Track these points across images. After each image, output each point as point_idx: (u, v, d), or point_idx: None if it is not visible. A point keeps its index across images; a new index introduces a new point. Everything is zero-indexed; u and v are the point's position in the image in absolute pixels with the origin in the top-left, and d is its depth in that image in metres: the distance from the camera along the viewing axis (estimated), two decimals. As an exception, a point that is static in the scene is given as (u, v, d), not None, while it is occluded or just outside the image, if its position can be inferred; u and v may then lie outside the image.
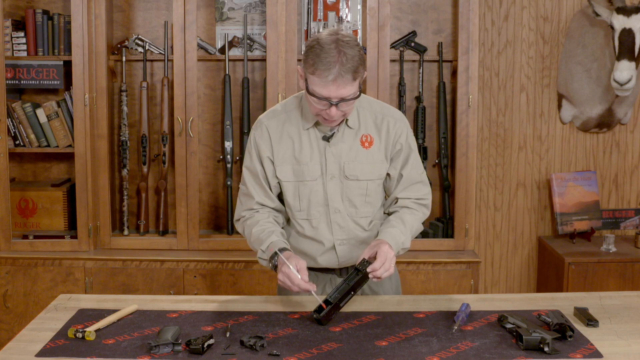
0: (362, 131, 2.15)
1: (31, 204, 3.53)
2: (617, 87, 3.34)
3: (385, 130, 2.17)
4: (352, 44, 1.96)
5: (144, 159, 3.56)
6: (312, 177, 2.14)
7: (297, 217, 2.20)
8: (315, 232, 2.19)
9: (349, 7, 3.56)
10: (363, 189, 2.16)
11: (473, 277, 3.34)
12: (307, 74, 1.98)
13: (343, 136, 2.14)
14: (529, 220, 3.87)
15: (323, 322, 1.97)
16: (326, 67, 1.92)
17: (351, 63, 1.93)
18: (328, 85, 1.94)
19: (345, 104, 2.00)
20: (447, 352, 1.81)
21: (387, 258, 2.01)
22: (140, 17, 3.61)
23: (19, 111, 3.44)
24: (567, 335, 1.87)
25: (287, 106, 2.19)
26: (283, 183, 2.17)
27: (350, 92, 1.97)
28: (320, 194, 2.15)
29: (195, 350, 1.79)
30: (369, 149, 2.16)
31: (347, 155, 2.14)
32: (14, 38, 3.40)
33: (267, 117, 2.19)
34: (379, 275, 2.00)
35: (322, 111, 2.02)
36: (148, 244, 3.48)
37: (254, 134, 2.19)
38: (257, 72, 3.60)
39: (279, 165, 2.16)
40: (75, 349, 1.82)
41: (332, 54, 1.92)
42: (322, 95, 1.96)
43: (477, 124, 3.44)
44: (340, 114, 2.03)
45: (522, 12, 3.72)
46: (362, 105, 2.17)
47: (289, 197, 2.18)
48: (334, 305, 1.98)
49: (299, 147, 2.14)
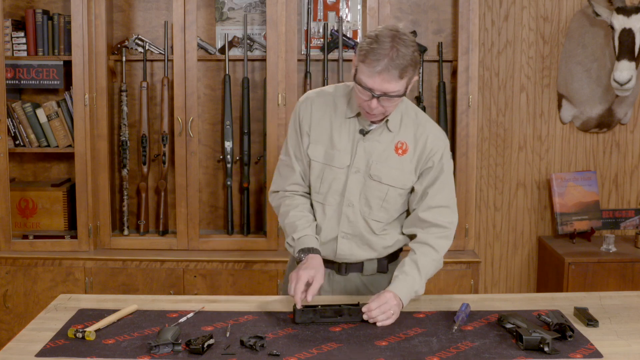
0: (399, 137, 2.14)
1: (31, 204, 3.53)
2: (617, 87, 3.33)
3: (422, 144, 2.15)
4: (408, 44, 1.96)
5: (144, 159, 3.56)
6: (340, 165, 2.14)
7: (313, 198, 2.20)
8: (324, 218, 2.18)
9: (349, 7, 3.56)
10: (383, 192, 2.15)
11: (473, 277, 3.34)
12: (358, 62, 1.99)
13: (380, 136, 2.14)
14: (529, 220, 3.87)
15: (297, 318, 1.97)
16: (376, 58, 1.93)
17: (401, 60, 1.93)
18: (374, 76, 1.95)
19: (387, 99, 1.99)
20: (447, 352, 1.81)
21: (385, 302, 1.99)
22: (140, 17, 3.61)
23: (19, 111, 3.44)
24: (567, 335, 1.87)
25: (337, 90, 2.19)
26: (312, 162, 2.17)
27: (394, 88, 1.97)
28: (341, 184, 2.15)
29: (195, 350, 1.79)
30: (401, 157, 2.14)
31: (378, 155, 2.13)
32: (14, 38, 3.40)
33: (316, 95, 2.20)
34: (373, 316, 1.98)
35: (364, 102, 2.02)
36: (148, 244, 3.48)
37: (299, 107, 2.20)
38: (257, 72, 3.60)
39: (313, 143, 2.16)
40: (75, 349, 1.82)
41: (385, 47, 1.93)
42: (366, 85, 1.97)
43: (477, 124, 3.43)
44: (381, 109, 2.02)
45: (522, 12, 3.72)
46: (407, 113, 2.16)
47: (313, 177, 2.18)
48: (316, 309, 1.99)
49: (337, 133, 2.14)
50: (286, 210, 2.18)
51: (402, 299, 2.05)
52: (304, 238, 2.11)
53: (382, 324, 1.99)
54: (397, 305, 2.02)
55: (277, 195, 2.25)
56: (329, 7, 3.56)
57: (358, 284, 2.25)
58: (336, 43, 3.46)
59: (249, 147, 3.54)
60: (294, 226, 2.14)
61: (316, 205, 2.20)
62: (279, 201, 2.23)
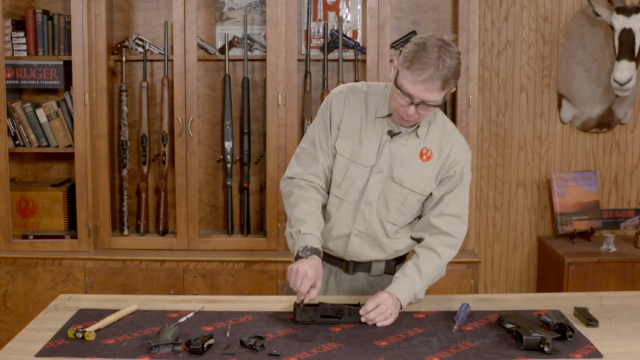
0: (425, 144, 2.15)
1: (31, 204, 3.53)
2: (617, 87, 3.33)
3: (447, 153, 2.16)
4: (454, 56, 1.96)
5: (144, 159, 3.56)
6: (366, 163, 2.14)
7: (332, 192, 2.19)
8: (340, 214, 2.18)
9: (349, 7, 3.56)
10: (402, 196, 2.15)
11: (473, 277, 3.34)
12: (402, 67, 1.98)
13: (407, 140, 2.14)
14: (529, 220, 3.87)
15: (297, 316, 1.97)
16: (422, 67, 1.93)
17: (446, 71, 1.94)
18: (417, 83, 1.95)
19: (424, 108, 1.99)
20: (447, 352, 1.81)
21: (382, 303, 1.99)
22: (140, 17, 3.61)
23: (19, 111, 3.44)
24: (567, 335, 1.87)
25: (371, 88, 2.19)
26: (338, 156, 2.16)
27: (434, 98, 1.97)
28: (363, 182, 2.15)
29: (195, 350, 1.79)
30: (425, 163, 2.15)
31: (402, 159, 2.13)
32: (14, 38, 3.40)
33: (350, 89, 2.19)
34: (371, 318, 1.98)
35: (400, 107, 2.02)
36: (148, 244, 3.48)
37: (332, 99, 2.18)
38: (257, 72, 3.60)
39: (342, 137, 2.15)
40: (75, 349, 1.82)
41: (432, 56, 1.93)
42: (407, 92, 1.97)
43: (477, 124, 3.44)
44: (417, 116, 2.03)
45: (522, 12, 3.72)
46: (436, 122, 2.17)
47: (337, 170, 2.17)
48: (316, 308, 1.98)
49: (366, 131, 2.14)
50: (297, 201, 2.13)
51: (400, 299, 2.04)
52: (310, 236, 2.07)
53: (380, 325, 1.98)
54: (394, 305, 2.01)
55: (292, 182, 2.19)
56: (329, 7, 3.56)
57: (364, 284, 2.25)
58: (336, 43, 3.46)
59: (249, 147, 3.54)
60: (301, 220, 2.09)
61: (334, 199, 2.18)
62: (291, 188, 2.18)
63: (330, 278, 2.26)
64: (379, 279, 2.25)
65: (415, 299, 2.10)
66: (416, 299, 2.11)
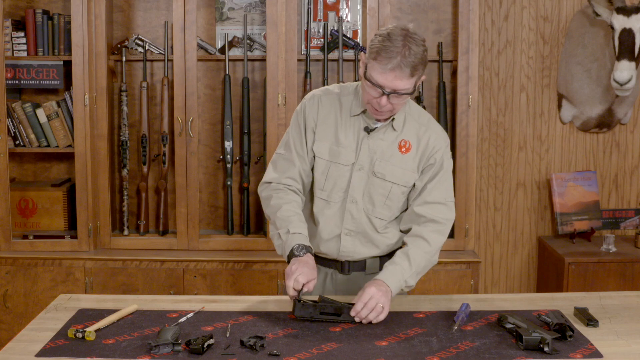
0: (403, 136, 2.17)
1: (31, 204, 3.53)
2: (617, 87, 3.34)
3: (425, 142, 2.18)
4: (419, 43, 1.99)
5: (144, 159, 3.56)
6: (346, 162, 2.16)
7: (317, 195, 2.21)
8: (328, 215, 2.19)
9: (349, 7, 3.56)
10: (386, 190, 2.17)
11: (473, 277, 3.34)
12: (369, 59, 2.01)
13: (384, 134, 2.16)
14: (529, 220, 3.87)
15: (296, 312, 1.97)
16: (388, 55, 1.96)
17: (413, 58, 1.97)
18: (386, 72, 1.97)
19: (396, 97, 2.01)
20: (447, 352, 1.81)
21: (370, 298, 1.98)
22: (140, 17, 3.61)
23: (19, 111, 3.44)
24: (567, 335, 1.87)
25: (343, 89, 2.22)
26: (317, 159, 2.18)
27: (404, 86, 2.00)
28: (346, 181, 2.17)
29: (195, 350, 1.79)
30: (405, 155, 2.17)
31: (382, 153, 2.16)
32: (14, 38, 3.40)
33: (323, 93, 2.22)
34: (363, 316, 1.97)
35: (373, 99, 2.04)
36: (148, 244, 3.48)
37: (306, 104, 2.21)
38: (257, 72, 3.60)
39: (319, 140, 2.18)
40: (75, 349, 1.82)
41: (397, 44, 1.96)
42: (377, 82, 1.99)
43: (477, 124, 3.44)
44: (390, 107, 2.04)
45: (522, 12, 3.72)
46: (411, 114, 2.19)
47: (318, 173, 2.19)
48: (316, 304, 1.99)
49: (343, 131, 2.16)
50: (279, 203, 2.16)
51: (389, 285, 2.04)
52: (300, 235, 2.09)
53: (376, 321, 1.98)
54: (383, 295, 2.00)
55: (270, 186, 2.23)
56: (329, 7, 3.56)
57: (361, 284, 2.25)
58: (336, 43, 3.46)
59: (249, 147, 3.54)
60: (287, 220, 2.12)
61: (320, 202, 2.21)
62: (270, 192, 2.21)
63: (326, 280, 2.27)
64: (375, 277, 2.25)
65: (406, 286, 2.10)
66: (407, 286, 2.11)
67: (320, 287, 2.27)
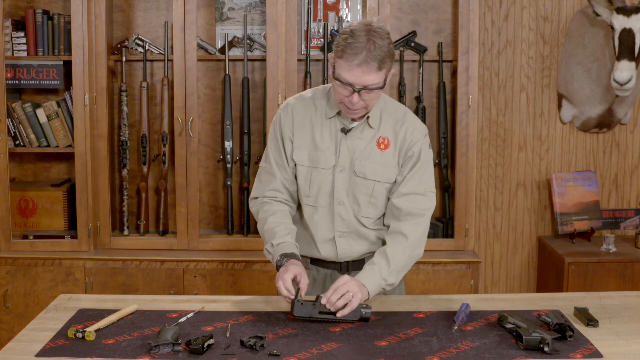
0: (380, 133, 2.17)
1: (31, 204, 3.53)
2: (617, 87, 3.34)
3: (402, 137, 2.18)
4: (383, 36, 1.99)
5: (144, 159, 3.56)
6: (326, 165, 2.17)
7: (304, 202, 2.22)
8: (318, 220, 2.20)
9: (349, 7, 3.56)
10: (369, 188, 2.17)
11: (473, 277, 3.34)
12: (335, 58, 2.02)
13: (361, 133, 2.16)
14: (529, 220, 3.87)
15: (295, 311, 1.98)
16: (353, 52, 1.96)
17: (378, 52, 1.97)
18: (353, 69, 1.97)
19: (367, 92, 2.01)
20: (447, 352, 1.81)
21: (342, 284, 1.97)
22: (140, 17, 3.61)
23: (19, 111, 3.44)
24: (567, 335, 1.87)
25: (315, 93, 2.23)
26: (298, 166, 2.19)
27: (374, 80, 2.00)
28: (329, 184, 2.17)
29: (195, 350, 1.79)
30: (384, 152, 2.17)
31: (361, 152, 2.16)
32: (14, 38, 3.40)
33: (295, 100, 2.23)
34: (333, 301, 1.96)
35: (345, 98, 2.04)
36: (148, 244, 3.48)
37: (280, 114, 2.22)
38: (257, 72, 3.60)
39: (297, 147, 2.18)
40: (75, 349, 1.82)
41: (361, 40, 1.96)
42: (346, 80, 1.99)
43: (477, 124, 3.44)
44: (362, 104, 2.04)
45: (522, 12, 3.72)
46: (386, 109, 2.20)
47: (301, 180, 2.20)
48: (314, 303, 1.99)
49: (319, 134, 2.17)
50: (265, 217, 2.19)
51: (366, 285, 2.03)
52: (283, 244, 2.11)
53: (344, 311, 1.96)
54: (356, 286, 1.99)
55: (257, 201, 2.26)
56: (329, 7, 3.56)
57: None
58: (336, 43, 3.46)
59: (249, 147, 3.54)
60: (272, 232, 2.14)
61: (308, 208, 2.21)
62: (257, 207, 2.24)
63: (326, 282, 2.27)
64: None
65: (387, 284, 2.09)
66: (388, 284, 2.09)
67: (320, 288, 2.27)
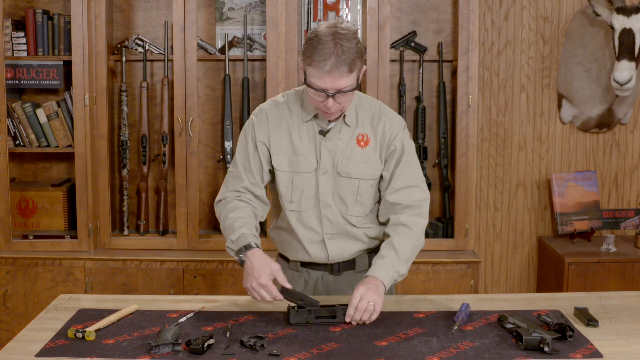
0: (359, 130, 2.16)
1: (31, 204, 3.53)
2: (617, 87, 3.34)
3: (381, 131, 2.17)
4: (350, 37, 1.98)
5: (144, 159, 3.56)
6: (307, 169, 2.15)
7: (287, 208, 2.20)
8: (304, 224, 2.19)
9: (349, 7, 3.56)
10: (354, 187, 2.17)
11: (473, 277, 3.34)
12: (305, 66, 2.01)
13: (340, 133, 2.15)
14: (529, 220, 3.87)
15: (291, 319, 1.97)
16: (322, 59, 1.95)
17: (347, 55, 1.95)
18: (324, 76, 1.96)
19: (342, 95, 2.01)
20: (447, 352, 1.81)
21: (360, 300, 1.96)
22: (140, 17, 3.61)
23: (19, 111, 3.44)
24: (567, 335, 1.87)
25: (288, 97, 2.21)
26: (278, 172, 2.17)
27: (346, 83, 1.99)
28: (313, 187, 2.16)
29: (195, 350, 1.79)
30: (364, 149, 2.16)
31: (342, 152, 2.15)
32: (14, 38, 3.40)
33: (269, 105, 2.21)
34: (357, 320, 1.96)
35: (320, 103, 2.03)
36: (148, 244, 3.48)
37: (253, 119, 2.20)
38: (257, 72, 3.61)
39: (275, 154, 2.16)
40: (75, 349, 1.82)
41: (328, 45, 1.95)
42: (318, 87, 1.99)
43: (477, 124, 3.44)
44: (338, 106, 2.04)
45: (522, 12, 3.72)
46: (361, 105, 2.19)
47: (282, 186, 2.18)
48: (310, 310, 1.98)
49: (297, 139, 2.15)
50: (225, 215, 2.16)
51: (381, 279, 2.03)
52: (242, 236, 2.09)
53: (370, 321, 1.97)
54: (374, 292, 1.98)
55: (220, 203, 2.23)
56: (329, 7, 3.56)
57: (352, 282, 2.25)
58: (336, 43, 3.46)
59: (249, 147, 3.54)
60: (231, 228, 2.12)
61: (292, 214, 2.19)
62: (220, 208, 2.21)
63: (317, 283, 2.27)
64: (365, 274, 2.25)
65: (399, 275, 2.09)
66: (400, 275, 2.09)
67: (311, 290, 2.27)
